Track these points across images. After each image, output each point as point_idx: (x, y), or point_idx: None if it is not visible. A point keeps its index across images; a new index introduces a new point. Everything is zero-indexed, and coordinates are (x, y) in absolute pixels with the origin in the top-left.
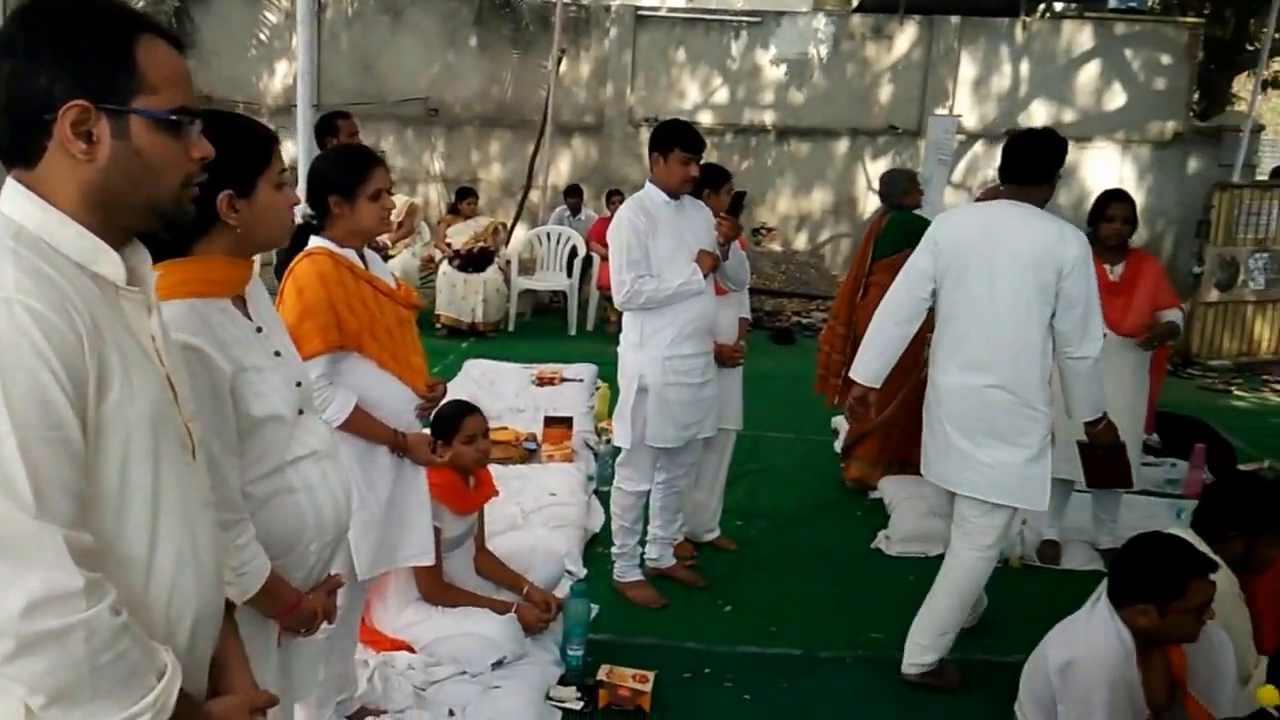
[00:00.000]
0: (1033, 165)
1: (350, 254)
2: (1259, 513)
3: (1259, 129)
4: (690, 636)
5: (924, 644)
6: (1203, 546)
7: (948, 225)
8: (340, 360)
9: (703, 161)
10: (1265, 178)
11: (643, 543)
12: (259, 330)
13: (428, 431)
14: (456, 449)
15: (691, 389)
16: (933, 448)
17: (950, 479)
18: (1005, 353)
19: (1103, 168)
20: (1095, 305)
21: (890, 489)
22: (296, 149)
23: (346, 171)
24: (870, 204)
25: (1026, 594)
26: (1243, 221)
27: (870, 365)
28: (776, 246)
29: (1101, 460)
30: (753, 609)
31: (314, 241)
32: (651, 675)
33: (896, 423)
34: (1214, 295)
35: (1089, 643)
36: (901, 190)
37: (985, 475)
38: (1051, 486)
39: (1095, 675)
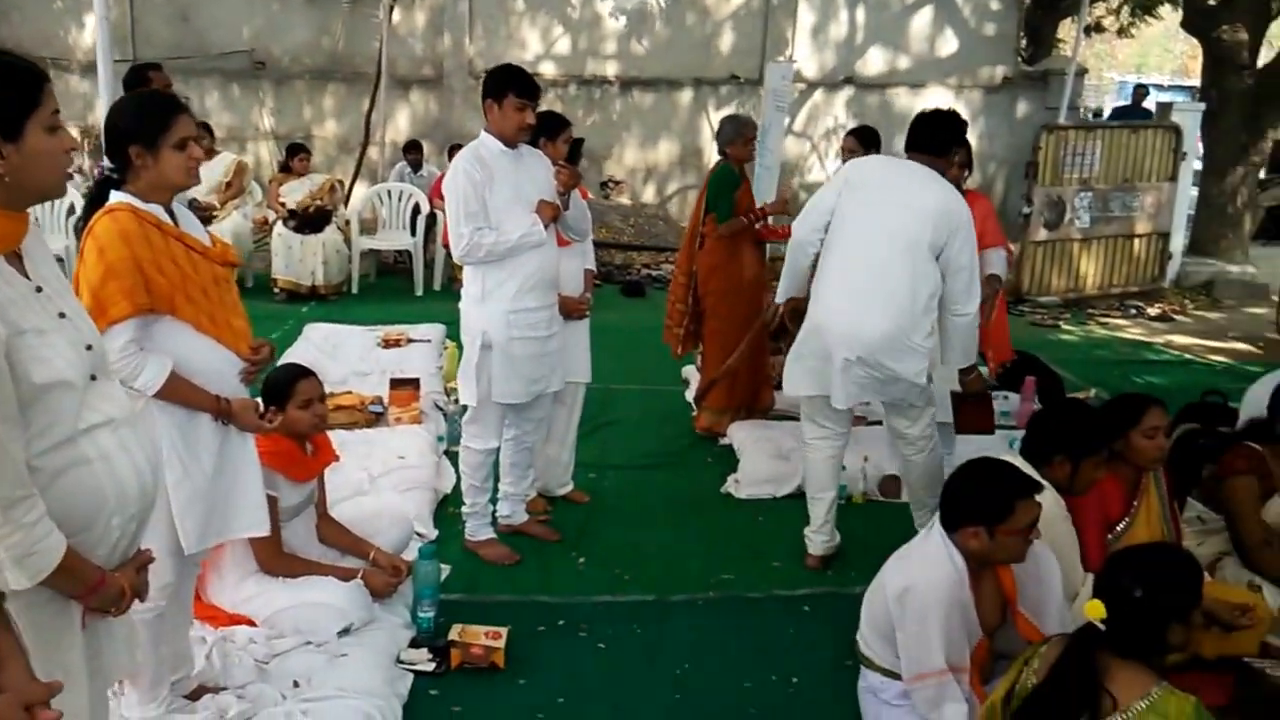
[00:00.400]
0: (935, 139)
1: (156, 209)
2: (1081, 436)
3: (1082, 72)
4: (544, 590)
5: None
6: (1030, 470)
7: (859, 168)
8: (151, 324)
9: (541, 109)
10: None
11: (494, 500)
12: (38, 290)
13: (258, 398)
14: (290, 414)
15: (537, 343)
16: (828, 376)
17: (861, 396)
18: (893, 290)
19: None
20: (976, 268)
21: (739, 434)
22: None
23: (147, 120)
24: (714, 155)
25: (870, 527)
26: (1068, 162)
27: (787, 289)
28: (625, 199)
29: (971, 407)
30: (606, 559)
31: (115, 197)
32: (504, 631)
33: (739, 372)
34: (1043, 234)
35: (924, 569)
36: (725, 140)
37: (889, 390)
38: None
39: (930, 600)
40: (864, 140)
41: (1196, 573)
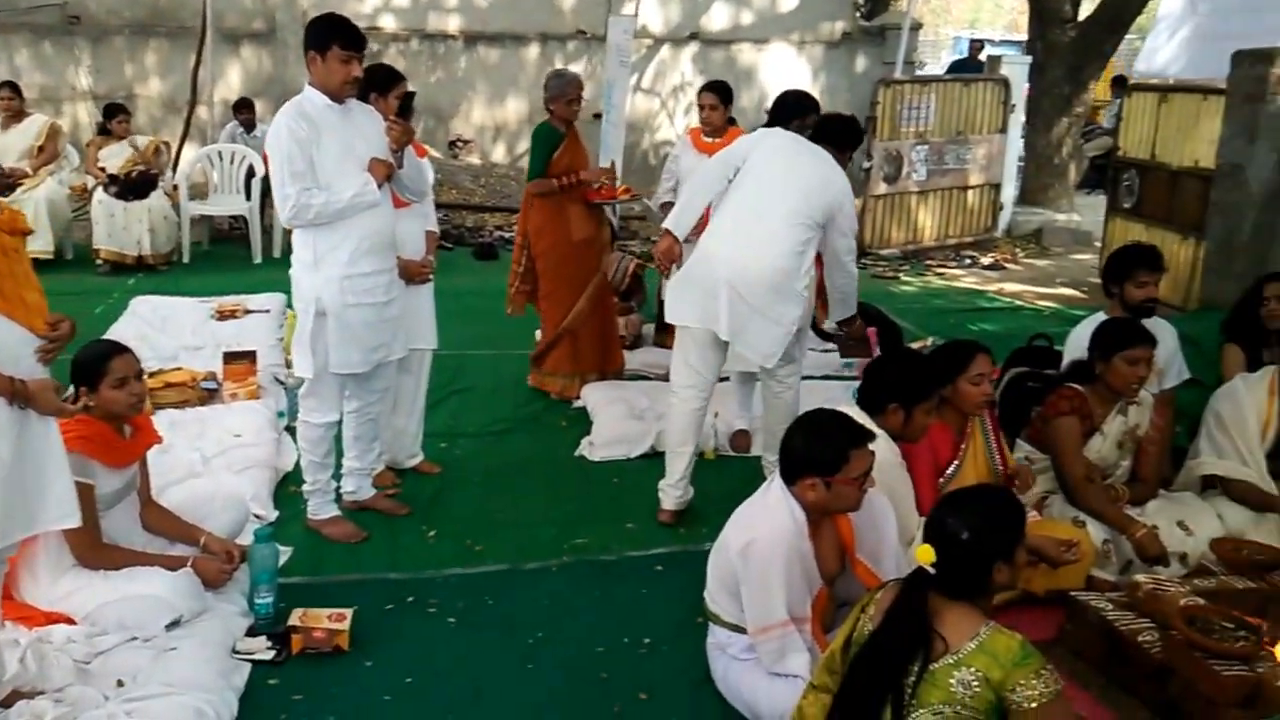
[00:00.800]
0: (840, 137)
1: None
2: (913, 385)
3: (917, 27)
4: (392, 567)
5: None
6: (865, 420)
7: (774, 136)
8: None
9: (378, 64)
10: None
11: (339, 476)
12: None
13: (62, 381)
14: (104, 395)
15: (375, 309)
16: (713, 305)
17: (737, 336)
18: (782, 236)
19: (780, 68)
20: (855, 232)
21: (592, 396)
22: None
23: None
24: None
25: (722, 483)
26: (905, 116)
27: (680, 225)
28: (475, 159)
29: (850, 345)
30: (458, 531)
31: None
32: (349, 613)
33: (578, 334)
34: (882, 188)
35: (765, 522)
36: (549, 97)
37: (763, 337)
38: (740, 379)
39: (771, 552)
40: (722, 96)
41: (1018, 513)
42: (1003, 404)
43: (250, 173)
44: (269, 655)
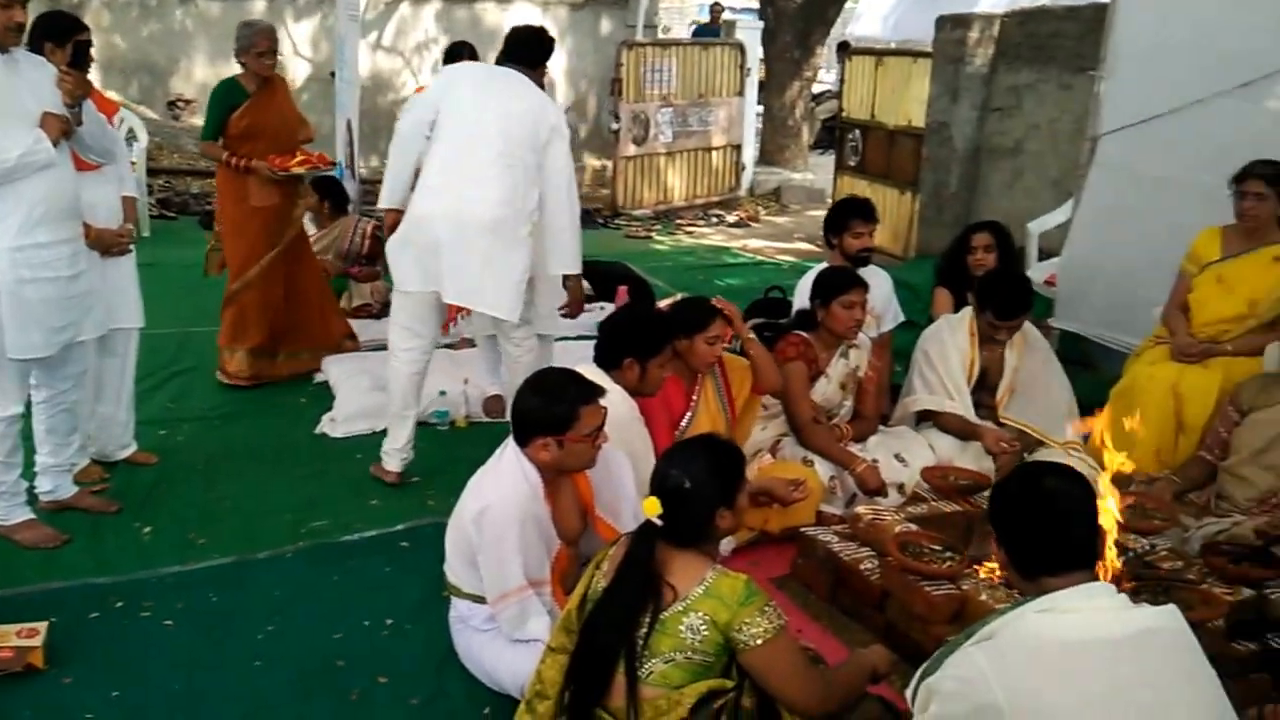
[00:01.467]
0: (530, 54)
1: None
2: (647, 339)
3: None
4: (99, 571)
5: None
6: (600, 376)
7: (461, 70)
8: None
9: (58, 10)
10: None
11: (31, 475)
12: None
13: None
14: None
15: (57, 285)
16: (435, 266)
17: (462, 296)
18: (498, 179)
19: None
20: (573, 176)
21: (333, 370)
22: None
23: None
24: (299, 70)
25: (477, 450)
26: (649, 78)
27: (389, 196)
28: (197, 120)
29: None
30: (177, 525)
31: None
32: (44, 626)
33: (243, 304)
34: (631, 150)
35: (498, 487)
36: (238, 49)
37: (495, 288)
38: (485, 343)
39: (505, 517)
40: (470, 56)
41: (736, 460)
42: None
43: None
44: None
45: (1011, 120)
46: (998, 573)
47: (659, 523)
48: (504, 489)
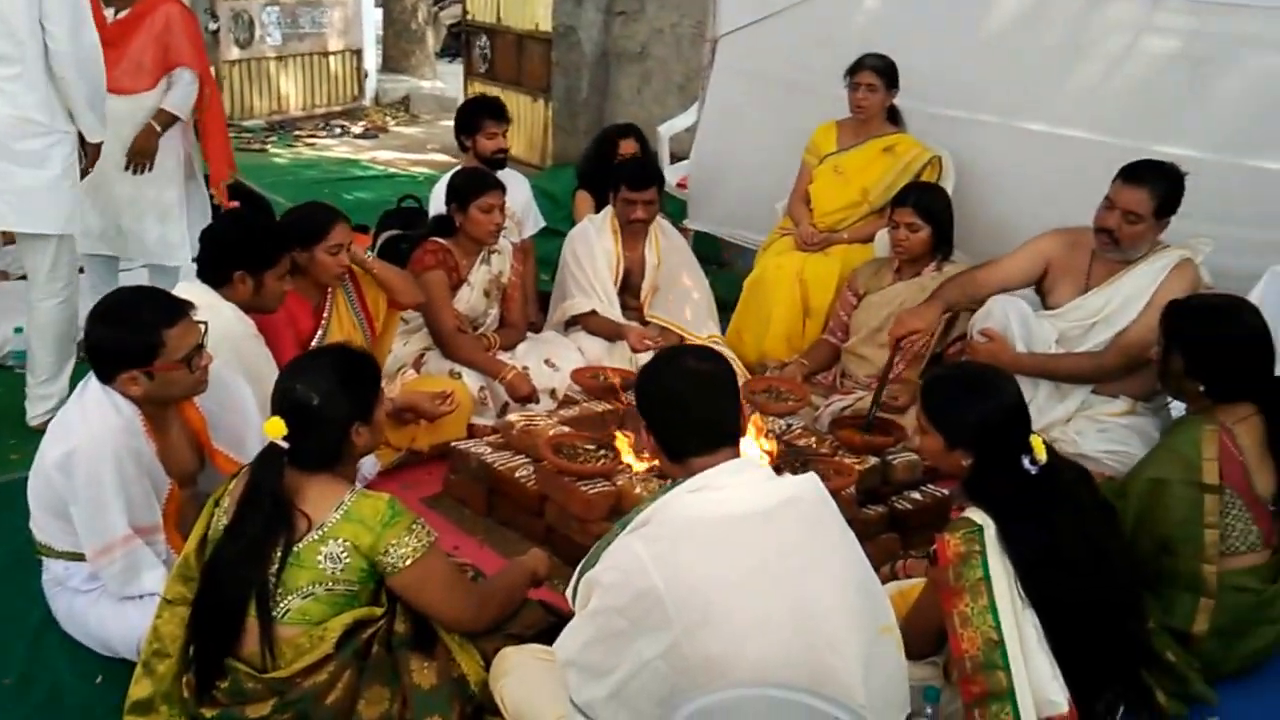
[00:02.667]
0: None
1: None
2: (258, 249)
3: None
4: None
5: (42, 394)
6: (206, 294)
7: None
8: None
9: None
10: None
11: None
12: None
13: None
14: None
15: None
16: None
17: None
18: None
19: None
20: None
21: None
22: None
23: None
24: None
25: None
26: None
27: None
28: None
29: None
30: None
31: None
32: None
33: None
34: (236, 53)
35: (85, 427)
36: None
37: (10, 204)
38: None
39: (97, 456)
40: None
41: (369, 367)
42: None
43: None
44: None
45: (636, 24)
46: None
47: (285, 445)
48: (92, 426)
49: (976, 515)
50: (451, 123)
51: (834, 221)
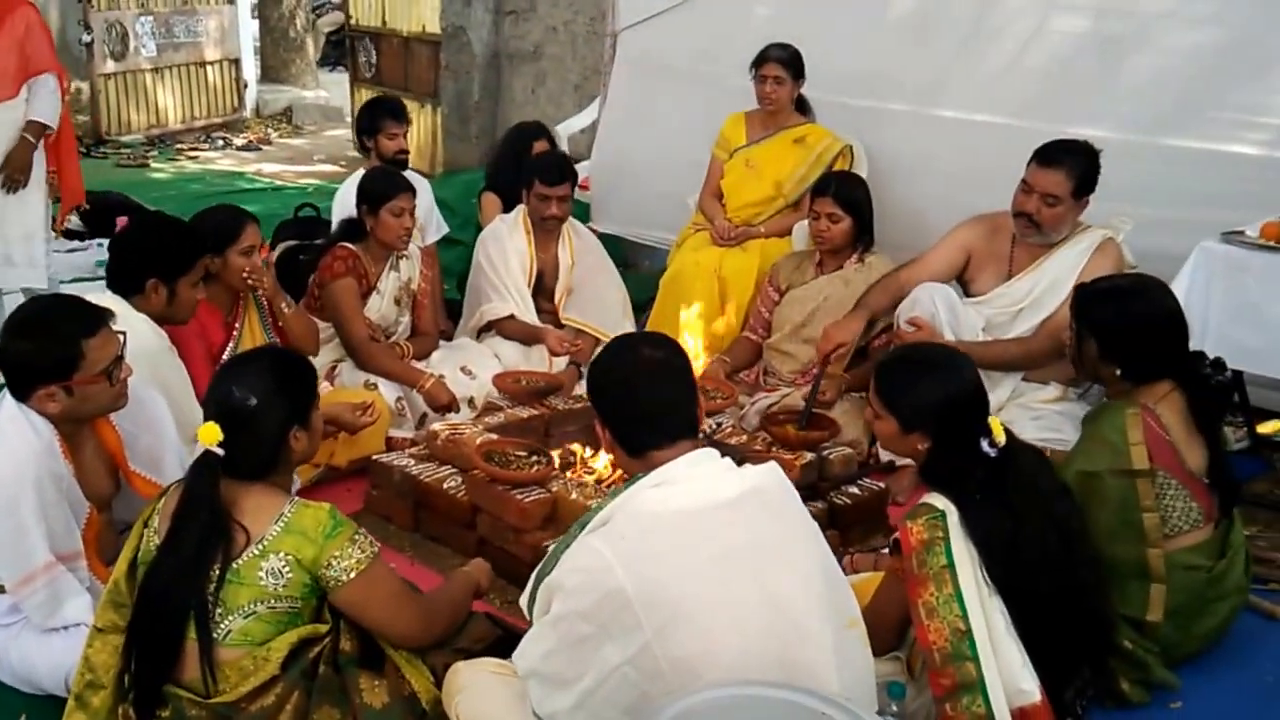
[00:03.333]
0: None
1: None
2: (172, 255)
3: None
4: None
5: None
6: (118, 304)
7: None
8: None
9: None
10: None
11: None
12: None
13: None
14: None
15: None
16: None
17: None
18: None
19: None
20: None
21: None
22: None
23: None
24: None
25: None
26: None
27: None
28: None
29: None
30: None
31: None
32: None
33: None
34: (111, 66)
35: (2, 448)
36: None
37: None
38: None
39: (15, 480)
40: None
41: (306, 369)
42: (280, 280)
43: None
44: None
45: (528, 23)
46: (581, 470)
47: (220, 452)
48: (10, 448)
49: (938, 500)
50: (337, 132)
51: (749, 216)
